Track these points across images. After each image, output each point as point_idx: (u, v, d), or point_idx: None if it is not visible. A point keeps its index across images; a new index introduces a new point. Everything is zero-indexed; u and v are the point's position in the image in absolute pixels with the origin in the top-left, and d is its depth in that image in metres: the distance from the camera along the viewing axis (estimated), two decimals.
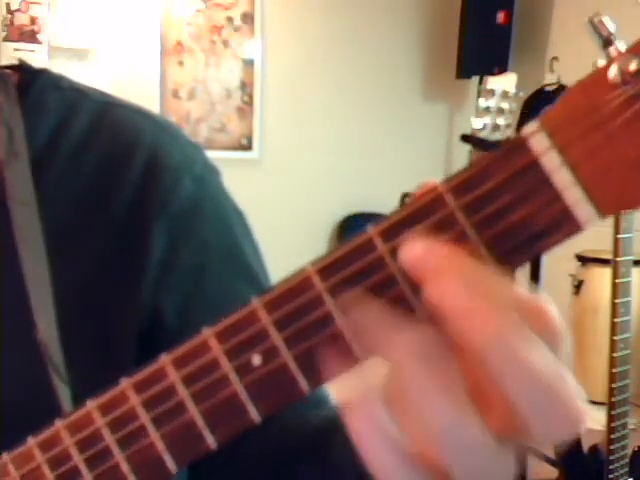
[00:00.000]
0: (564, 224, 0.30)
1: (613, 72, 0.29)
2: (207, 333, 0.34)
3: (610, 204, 0.30)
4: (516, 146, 0.31)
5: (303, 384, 0.32)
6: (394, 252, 0.32)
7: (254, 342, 0.33)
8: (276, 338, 0.33)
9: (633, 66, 0.29)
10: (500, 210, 0.31)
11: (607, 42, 0.29)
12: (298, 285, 0.32)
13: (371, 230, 0.32)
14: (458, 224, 0.31)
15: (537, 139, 0.30)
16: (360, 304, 0.32)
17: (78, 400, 0.38)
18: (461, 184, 0.31)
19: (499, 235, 0.31)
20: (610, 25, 0.30)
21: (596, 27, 0.30)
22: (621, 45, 0.29)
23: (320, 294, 0.32)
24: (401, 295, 0.32)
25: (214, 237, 0.61)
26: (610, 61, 0.29)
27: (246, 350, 0.33)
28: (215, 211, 0.62)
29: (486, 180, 0.31)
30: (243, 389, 0.33)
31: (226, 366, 0.33)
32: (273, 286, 0.33)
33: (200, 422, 0.34)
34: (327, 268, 0.32)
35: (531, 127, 0.31)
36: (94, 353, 0.57)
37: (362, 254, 0.32)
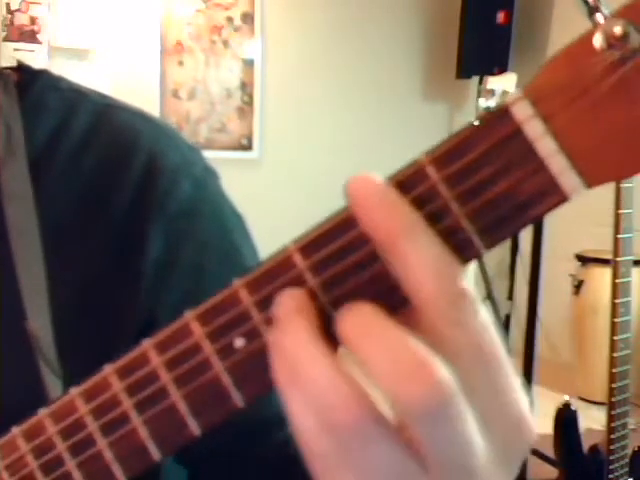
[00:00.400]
0: (549, 194, 0.30)
1: (598, 38, 0.28)
2: (189, 316, 0.33)
3: (597, 174, 0.29)
4: (499, 114, 0.30)
5: None
6: None
7: (236, 324, 0.32)
8: (258, 319, 0.32)
9: (618, 30, 0.28)
10: (484, 181, 0.30)
11: (593, 9, 0.29)
12: (279, 264, 0.32)
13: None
14: (441, 197, 0.30)
15: (520, 107, 0.30)
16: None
17: None
18: (443, 155, 0.30)
19: (483, 207, 0.30)
20: None
21: None
22: (608, 12, 0.29)
23: (302, 272, 0.32)
24: (383, 272, 0.31)
25: (212, 239, 0.61)
26: (595, 27, 0.29)
27: (228, 332, 0.32)
28: (213, 213, 0.62)
29: (469, 150, 0.30)
30: (225, 372, 0.32)
31: (208, 349, 0.33)
32: (255, 265, 0.32)
33: (183, 407, 0.33)
34: (309, 246, 0.32)
35: (514, 95, 0.30)
36: (91, 353, 0.57)
37: (344, 231, 0.31)
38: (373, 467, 0.30)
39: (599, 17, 0.28)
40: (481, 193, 0.30)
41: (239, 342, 0.32)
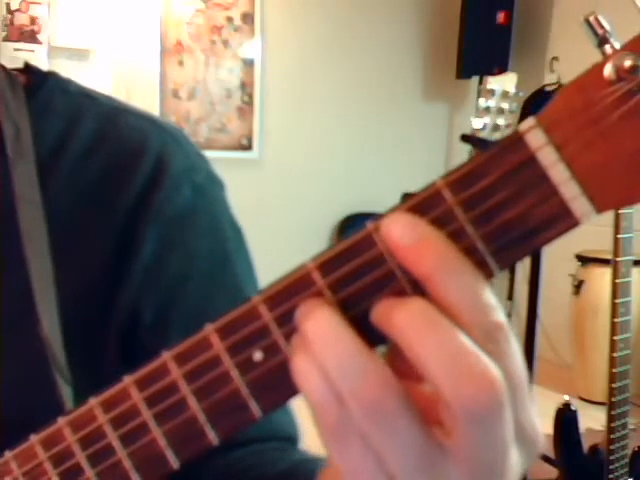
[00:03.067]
0: (561, 219, 0.31)
1: (608, 69, 0.30)
2: (209, 329, 0.34)
3: (607, 199, 0.31)
4: (513, 142, 0.31)
5: None
6: None
7: (255, 338, 0.33)
8: (277, 334, 0.33)
9: (628, 63, 0.29)
10: (498, 205, 0.31)
11: (603, 40, 0.30)
12: (298, 281, 0.33)
13: (370, 226, 0.32)
14: (457, 220, 0.31)
15: (534, 135, 0.31)
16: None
17: (79, 400, 0.38)
18: (459, 180, 0.31)
19: (497, 230, 0.31)
20: (606, 23, 0.30)
21: (592, 25, 0.30)
22: (617, 43, 0.30)
23: (321, 290, 0.32)
24: (401, 291, 0.32)
25: (203, 250, 0.61)
26: (606, 58, 0.30)
27: (247, 346, 0.33)
28: (210, 224, 0.62)
29: (484, 176, 0.31)
30: (244, 385, 0.33)
31: (227, 362, 0.33)
32: (273, 282, 0.33)
33: (202, 418, 0.34)
34: (327, 264, 0.32)
35: (528, 123, 0.31)
36: (96, 353, 0.57)
37: (362, 250, 0.32)
38: (392, 445, 0.30)
39: (608, 48, 0.29)
40: (495, 217, 0.31)
41: (258, 356, 0.33)
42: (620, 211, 1.67)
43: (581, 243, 3.26)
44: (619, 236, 1.68)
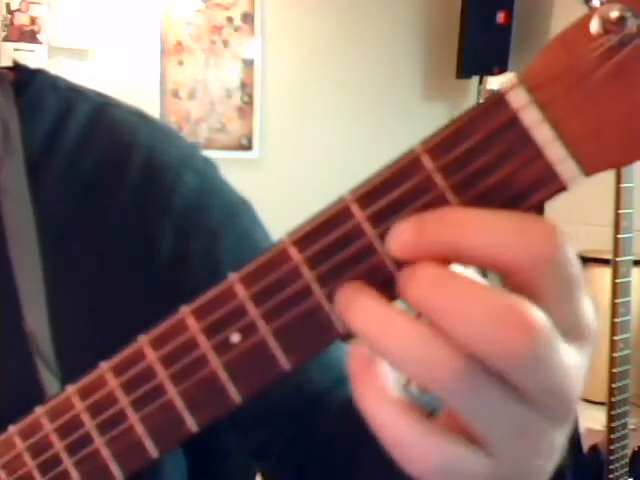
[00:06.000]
0: (547, 182, 0.29)
1: (595, 22, 0.28)
2: (184, 311, 0.33)
3: (594, 162, 0.29)
4: (494, 102, 0.29)
5: (283, 360, 0.32)
6: (371, 219, 0.31)
7: (232, 319, 0.32)
8: (254, 314, 0.32)
9: (615, 14, 0.27)
10: (480, 170, 0.29)
11: None
12: (275, 257, 0.31)
13: (348, 197, 0.31)
14: (436, 187, 0.30)
15: (516, 94, 0.29)
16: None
17: None
18: (438, 144, 0.30)
19: (479, 196, 0.29)
20: None
21: None
22: None
23: (297, 266, 0.31)
24: (380, 263, 0.30)
25: (222, 227, 0.61)
26: (592, 12, 0.28)
27: (224, 328, 0.32)
28: (220, 202, 0.62)
29: (464, 139, 0.29)
30: (222, 368, 0.32)
31: (204, 345, 0.32)
32: (250, 260, 0.32)
33: (180, 404, 0.33)
34: (304, 239, 0.31)
35: (509, 82, 0.29)
36: (90, 352, 0.56)
37: (339, 222, 0.31)
38: (493, 422, 0.28)
39: (595, 2, 0.28)
40: (477, 182, 0.29)
41: (235, 337, 0.32)
42: (620, 211, 1.67)
43: (581, 243, 3.26)
44: (619, 236, 1.67)
